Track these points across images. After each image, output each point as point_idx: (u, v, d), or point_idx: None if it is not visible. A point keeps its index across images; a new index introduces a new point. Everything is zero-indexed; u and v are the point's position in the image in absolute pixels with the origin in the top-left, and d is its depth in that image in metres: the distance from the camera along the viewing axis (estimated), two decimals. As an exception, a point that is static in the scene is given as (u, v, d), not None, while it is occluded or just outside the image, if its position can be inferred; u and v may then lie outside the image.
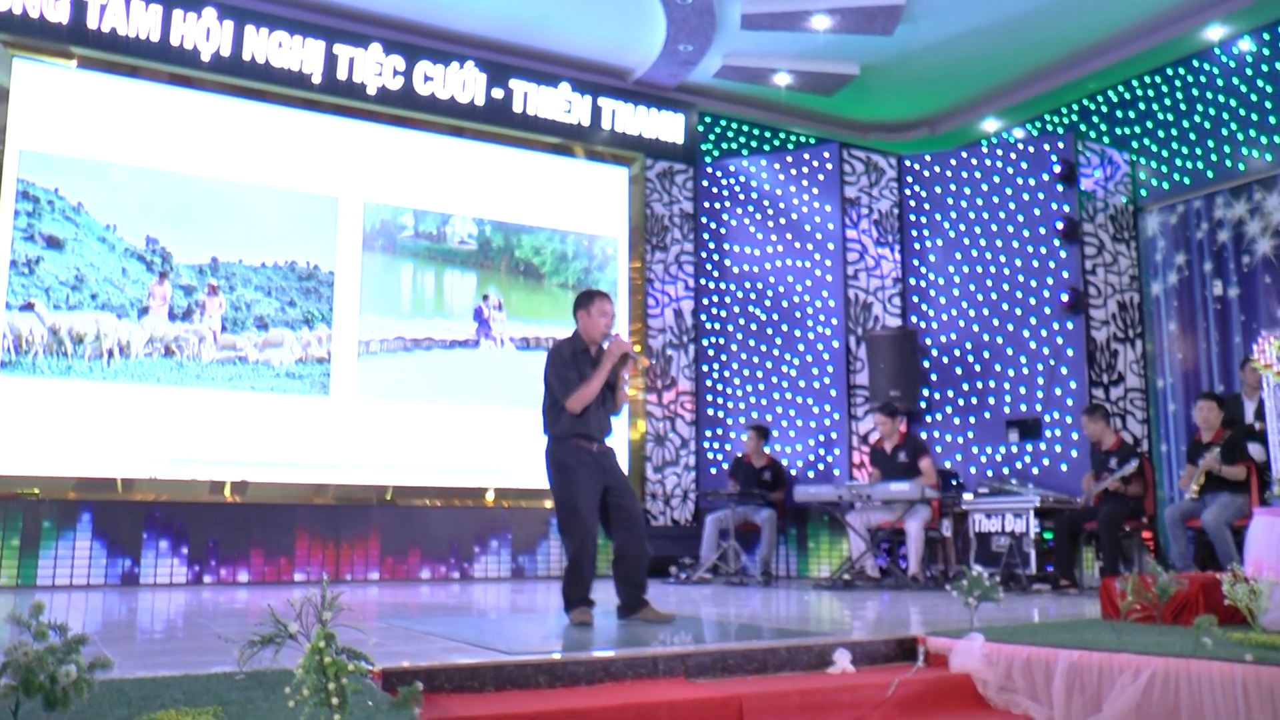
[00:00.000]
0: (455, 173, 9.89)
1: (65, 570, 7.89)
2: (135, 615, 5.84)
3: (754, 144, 11.40)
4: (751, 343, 10.30)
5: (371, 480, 9.11)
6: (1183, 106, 9.51)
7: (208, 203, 8.86)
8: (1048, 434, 9.12)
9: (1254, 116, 8.94)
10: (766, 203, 10.43)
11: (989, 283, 9.62)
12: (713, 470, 10.22)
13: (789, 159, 10.44)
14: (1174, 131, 9.57)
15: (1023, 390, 9.32)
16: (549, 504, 9.57)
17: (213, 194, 8.89)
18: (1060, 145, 9.47)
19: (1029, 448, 9.20)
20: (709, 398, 10.41)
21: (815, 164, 10.26)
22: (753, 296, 10.36)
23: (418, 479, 9.28)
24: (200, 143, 8.89)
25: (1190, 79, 9.46)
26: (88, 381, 8.24)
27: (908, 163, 10.27)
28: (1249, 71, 9.00)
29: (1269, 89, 8.84)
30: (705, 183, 10.77)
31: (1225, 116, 9.17)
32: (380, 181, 9.58)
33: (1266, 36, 8.88)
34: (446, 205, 9.82)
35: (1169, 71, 9.62)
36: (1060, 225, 9.22)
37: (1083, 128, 10.29)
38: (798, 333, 10.06)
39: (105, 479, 8.19)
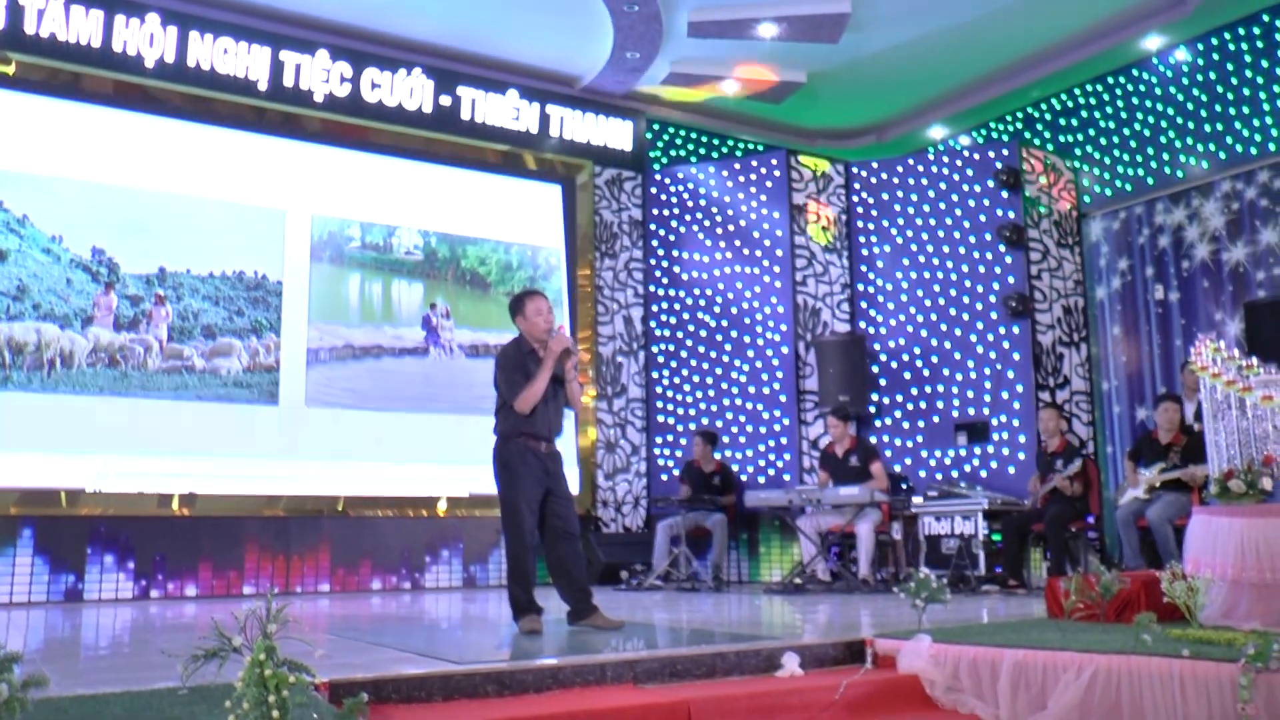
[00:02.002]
0: (401, 183, 9.86)
1: (4, 588, 7.72)
2: (79, 632, 5.74)
3: (702, 151, 11.44)
4: (701, 349, 10.33)
5: (323, 491, 9.02)
6: (1124, 115, 9.68)
7: (156, 214, 8.75)
8: (995, 437, 9.23)
9: (1191, 125, 9.12)
10: (715, 209, 10.47)
11: (936, 288, 9.73)
12: (664, 477, 10.24)
13: (737, 166, 10.50)
14: (1115, 139, 9.74)
15: (970, 394, 9.43)
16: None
17: (161, 206, 8.79)
18: (1005, 152, 9.61)
19: (977, 451, 9.31)
20: (659, 404, 10.43)
21: (763, 171, 10.32)
22: (702, 303, 10.40)
23: (369, 489, 9.20)
24: (149, 157, 8.79)
25: (1130, 88, 9.64)
26: (27, 393, 8.08)
27: (855, 169, 10.36)
28: (1185, 81, 9.19)
29: (1204, 98, 9.03)
30: (654, 190, 10.80)
31: (1164, 125, 9.35)
32: (327, 195, 9.53)
33: (1201, 47, 9.07)
34: (392, 218, 9.79)
35: (1110, 80, 9.79)
36: (1005, 231, 9.34)
37: (1027, 135, 10.44)
38: (747, 339, 10.11)
39: (48, 491, 8.04)
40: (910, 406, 9.73)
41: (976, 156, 9.74)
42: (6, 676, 2.31)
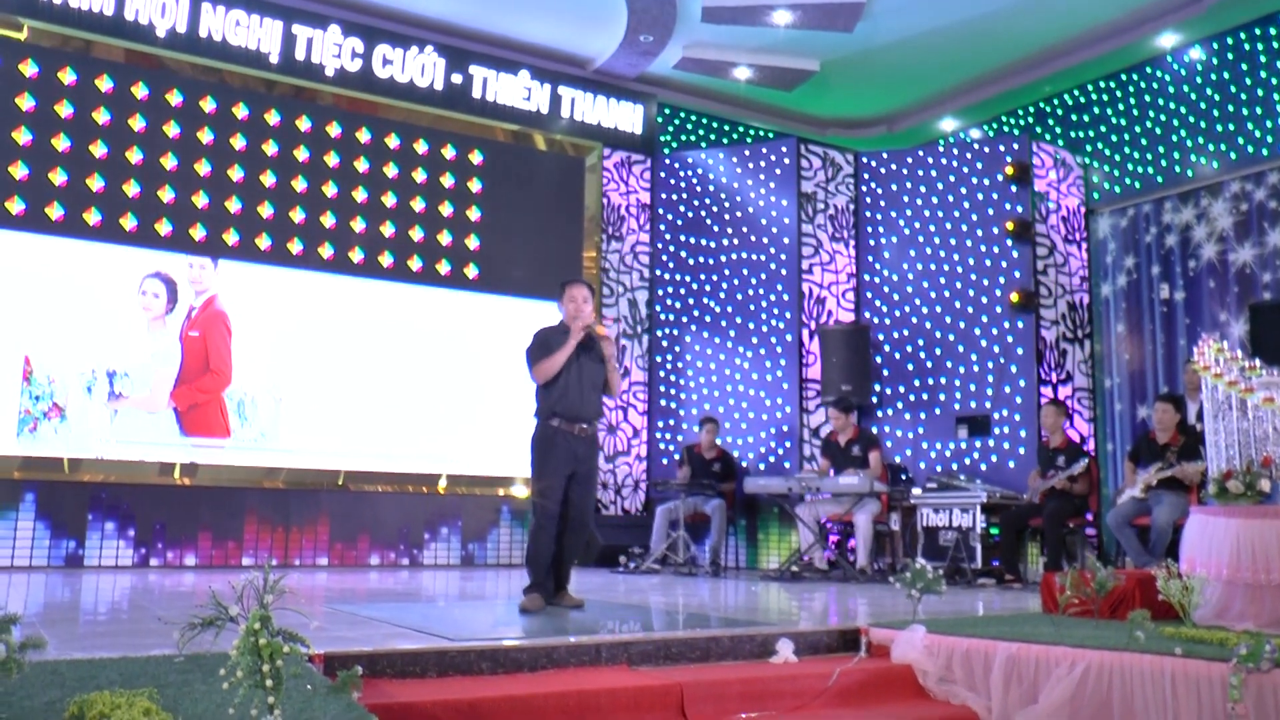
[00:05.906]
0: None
1: (6, 551, 7.76)
2: (78, 597, 5.77)
3: (712, 136, 11.42)
4: (705, 334, 10.32)
5: (324, 465, 9.03)
6: (1135, 112, 9.65)
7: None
8: (996, 431, 9.23)
9: (1203, 124, 9.09)
10: (723, 195, 10.45)
11: (942, 280, 9.72)
12: (664, 461, 10.25)
13: (747, 152, 10.47)
14: (1126, 136, 9.71)
15: (973, 387, 9.42)
16: (501, 491, 9.60)
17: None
18: (1015, 146, 9.57)
19: (978, 444, 9.31)
20: (662, 388, 10.43)
21: (773, 158, 10.30)
22: (707, 288, 10.39)
23: (370, 464, 9.21)
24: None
25: (1143, 85, 9.60)
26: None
27: (865, 159, 10.34)
28: (1199, 80, 9.15)
29: (1217, 97, 9.00)
30: (663, 174, 10.78)
31: (1175, 123, 9.32)
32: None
33: (1215, 46, 9.03)
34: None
35: (1123, 77, 9.75)
36: (1013, 225, 9.31)
37: (1038, 130, 10.41)
38: (751, 325, 10.11)
39: (51, 458, 8.07)
40: (912, 398, 9.73)
41: (987, 150, 9.71)
42: (5, 638, 2.33)
